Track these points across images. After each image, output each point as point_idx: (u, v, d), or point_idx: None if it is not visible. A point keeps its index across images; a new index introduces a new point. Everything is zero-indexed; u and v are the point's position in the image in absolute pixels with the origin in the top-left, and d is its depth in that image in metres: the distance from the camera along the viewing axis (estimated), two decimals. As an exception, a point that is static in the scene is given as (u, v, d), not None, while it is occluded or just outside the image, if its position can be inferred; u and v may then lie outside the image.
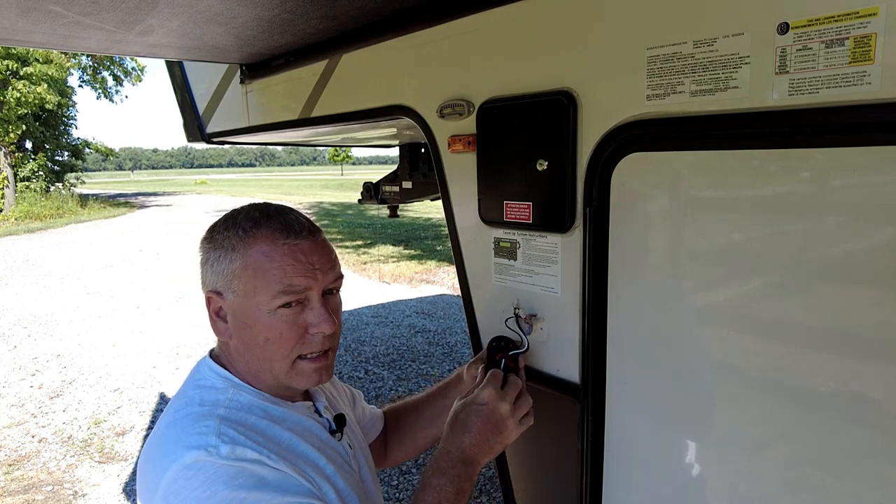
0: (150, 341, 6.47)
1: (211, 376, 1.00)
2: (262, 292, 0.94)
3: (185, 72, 2.66)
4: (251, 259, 0.94)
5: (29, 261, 11.65)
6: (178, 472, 0.83)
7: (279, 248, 0.95)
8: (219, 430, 0.88)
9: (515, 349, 1.21)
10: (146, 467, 0.91)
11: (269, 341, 0.95)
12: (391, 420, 1.43)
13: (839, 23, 0.73)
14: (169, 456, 0.85)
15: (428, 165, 2.68)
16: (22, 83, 19.35)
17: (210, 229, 1.03)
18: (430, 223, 16.54)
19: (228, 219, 1.01)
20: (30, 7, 1.28)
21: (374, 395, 4.91)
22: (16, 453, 4.13)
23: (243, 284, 0.95)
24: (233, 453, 0.85)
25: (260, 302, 0.94)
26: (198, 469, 0.83)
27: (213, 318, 1.00)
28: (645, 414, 1.08)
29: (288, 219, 0.99)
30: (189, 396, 0.97)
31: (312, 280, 0.96)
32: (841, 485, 0.85)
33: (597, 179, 1.05)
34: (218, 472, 0.83)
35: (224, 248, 0.97)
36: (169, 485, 0.83)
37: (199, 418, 0.90)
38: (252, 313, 0.95)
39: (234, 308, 0.97)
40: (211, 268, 0.98)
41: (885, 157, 0.74)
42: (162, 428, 0.92)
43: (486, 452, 1.04)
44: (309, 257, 0.97)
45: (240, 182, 61.40)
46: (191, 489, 0.81)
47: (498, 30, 1.18)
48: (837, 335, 0.82)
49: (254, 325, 0.95)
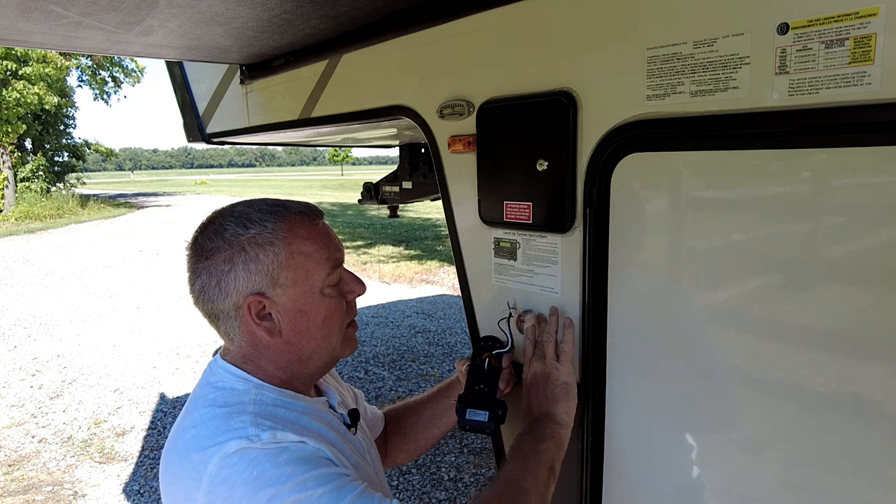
0: (151, 342, 6.47)
1: (229, 378, 0.97)
2: (315, 274, 0.98)
3: (185, 72, 2.66)
4: (296, 246, 0.97)
5: (29, 261, 11.65)
6: (222, 462, 0.82)
7: (315, 229, 1.00)
8: (255, 422, 0.88)
9: (501, 349, 1.22)
10: (175, 471, 0.89)
11: (327, 319, 1.00)
12: (392, 421, 1.43)
13: (839, 23, 0.73)
14: (208, 451, 0.84)
15: (428, 165, 2.69)
16: (21, 83, 19.35)
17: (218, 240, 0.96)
18: (430, 223, 16.54)
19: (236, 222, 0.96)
20: (30, 7, 1.28)
21: (374, 396, 4.91)
22: (16, 454, 4.13)
23: (293, 272, 0.96)
24: (274, 438, 0.85)
25: (314, 284, 0.98)
26: (241, 455, 0.83)
27: (254, 323, 0.96)
28: (645, 414, 1.08)
29: (296, 205, 1.03)
30: (211, 399, 0.94)
31: (342, 252, 1.05)
32: (841, 485, 0.85)
33: (597, 179, 1.05)
34: (261, 454, 0.83)
35: (258, 246, 0.94)
36: (214, 476, 0.82)
37: (230, 416, 0.89)
38: (307, 298, 0.98)
39: (284, 301, 0.96)
40: (244, 271, 0.94)
41: (885, 158, 0.74)
42: (190, 430, 0.90)
43: (551, 401, 1.08)
44: (331, 232, 1.05)
45: (240, 182, 61.39)
46: (237, 474, 0.81)
47: (498, 30, 1.18)
48: (837, 335, 0.82)
49: (310, 308, 0.98)
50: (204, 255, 0.96)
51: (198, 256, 0.97)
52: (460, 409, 1.15)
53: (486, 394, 1.15)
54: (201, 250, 0.96)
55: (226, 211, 1.00)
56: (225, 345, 1.03)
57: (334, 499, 0.80)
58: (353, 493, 0.82)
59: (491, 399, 1.14)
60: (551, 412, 1.06)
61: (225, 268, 0.94)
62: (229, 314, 0.96)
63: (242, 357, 1.00)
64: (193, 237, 0.99)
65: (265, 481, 0.80)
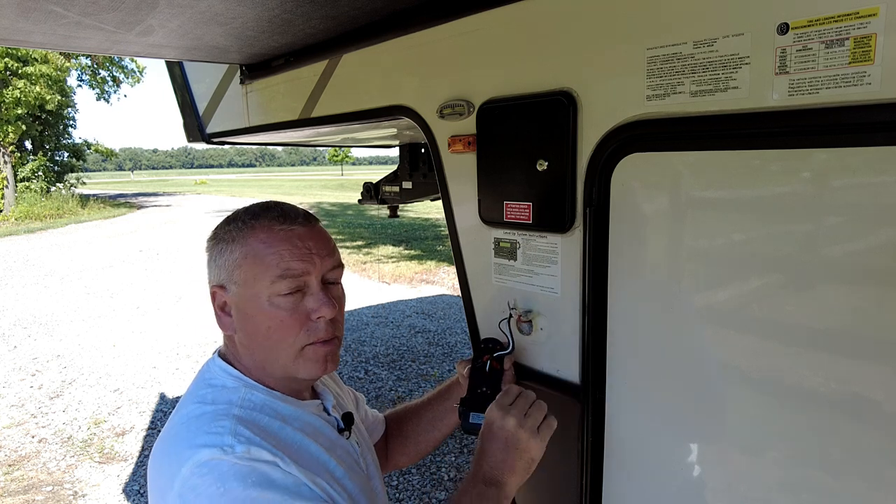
0: (151, 342, 6.47)
1: (222, 375, 0.99)
2: (262, 279, 0.95)
3: (185, 72, 2.66)
4: (250, 247, 0.96)
5: (29, 261, 11.65)
6: (193, 470, 0.83)
7: (276, 235, 0.97)
8: (235, 431, 0.88)
9: (502, 351, 1.22)
10: (159, 464, 0.90)
11: (270, 329, 0.96)
12: (393, 425, 1.42)
13: (839, 23, 0.73)
14: (184, 454, 0.85)
15: (428, 165, 2.68)
16: (22, 83, 19.35)
17: (214, 228, 1.05)
18: (430, 223, 16.54)
19: (231, 216, 1.04)
20: (30, 7, 1.28)
21: (374, 396, 4.91)
22: (16, 454, 4.13)
23: (244, 273, 0.96)
24: (248, 453, 0.85)
25: (260, 290, 0.95)
26: (212, 467, 0.83)
27: (218, 314, 1.01)
28: (645, 414, 1.08)
29: (284, 208, 1.02)
30: (201, 395, 0.96)
31: (310, 265, 0.97)
32: (841, 485, 0.85)
33: (597, 179, 1.05)
34: (231, 469, 0.83)
35: (225, 241, 0.99)
36: (184, 482, 0.83)
37: (214, 418, 0.90)
38: (253, 303, 0.96)
39: (236, 299, 0.98)
40: (214, 262, 1.00)
41: (885, 158, 0.74)
42: (176, 426, 0.92)
43: (509, 470, 1.00)
44: (305, 242, 0.98)
45: (240, 182, 61.41)
46: (205, 486, 0.82)
47: (498, 30, 1.18)
48: (837, 335, 0.82)
49: (255, 314, 0.96)
50: (208, 240, 1.04)
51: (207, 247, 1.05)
52: (463, 413, 1.15)
53: (489, 397, 1.15)
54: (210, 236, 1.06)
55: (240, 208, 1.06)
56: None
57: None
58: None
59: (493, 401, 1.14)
60: (503, 483, 0.99)
61: (209, 256, 1.03)
62: (211, 299, 1.02)
63: (225, 350, 1.05)
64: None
65: (229, 500, 0.81)
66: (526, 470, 1.02)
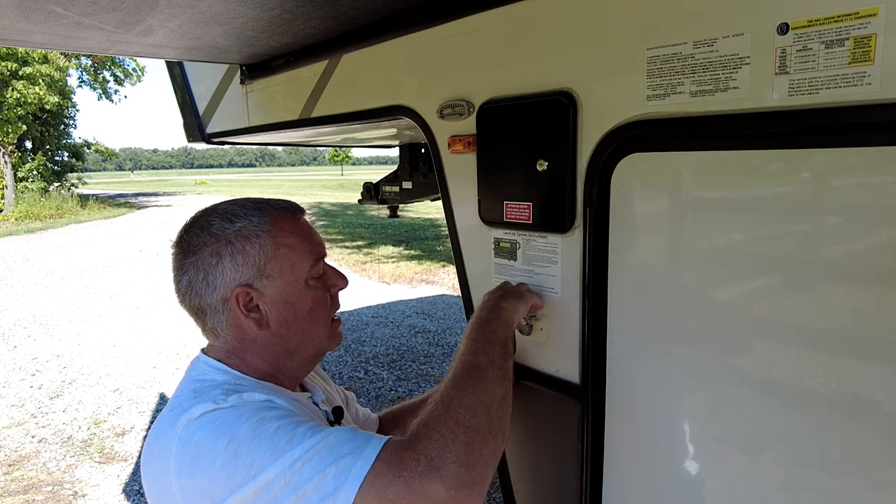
0: (150, 342, 6.47)
1: (210, 371, 0.99)
2: (300, 264, 1.00)
3: (185, 72, 2.66)
4: (280, 238, 0.99)
5: (29, 261, 11.65)
6: (187, 426, 0.84)
7: (297, 223, 1.04)
8: (224, 390, 0.90)
9: None
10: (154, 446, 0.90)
11: (313, 310, 1.02)
12: (388, 425, 1.42)
13: (839, 23, 0.73)
14: (178, 421, 0.86)
15: (428, 166, 2.68)
16: (22, 83, 19.35)
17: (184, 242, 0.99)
18: (430, 223, 16.54)
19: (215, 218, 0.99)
20: (30, 7, 1.28)
21: (374, 396, 4.91)
22: (16, 453, 4.13)
23: (279, 264, 0.98)
24: (240, 399, 0.88)
25: (299, 274, 1.00)
26: (206, 416, 0.85)
27: (242, 315, 0.97)
28: (645, 414, 1.08)
29: (278, 201, 1.07)
30: (191, 389, 0.95)
31: (324, 247, 1.08)
32: (841, 485, 0.85)
33: (597, 180, 1.05)
34: (228, 413, 0.85)
35: (243, 239, 0.97)
36: (181, 438, 0.84)
37: (202, 391, 0.91)
38: (293, 289, 1.00)
39: (271, 291, 0.98)
40: (231, 264, 0.96)
41: (885, 158, 0.74)
42: (166, 412, 0.92)
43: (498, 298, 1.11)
44: (313, 229, 1.08)
45: (240, 182, 61.40)
46: (201, 428, 0.83)
47: (498, 30, 1.18)
48: (837, 335, 0.82)
49: (297, 299, 1.00)
50: (190, 250, 0.98)
51: (184, 253, 0.98)
52: None
53: None
54: (188, 247, 0.98)
55: (210, 209, 1.03)
56: (209, 342, 1.05)
57: (290, 427, 0.82)
58: (309, 424, 0.84)
59: None
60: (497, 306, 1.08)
61: (212, 261, 0.96)
62: (217, 308, 0.98)
63: (227, 352, 1.01)
64: (179, 236, 1.01)
65: (225, 426, 0.82)
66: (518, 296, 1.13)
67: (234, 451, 0.79)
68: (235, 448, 0.79)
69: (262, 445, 0.79)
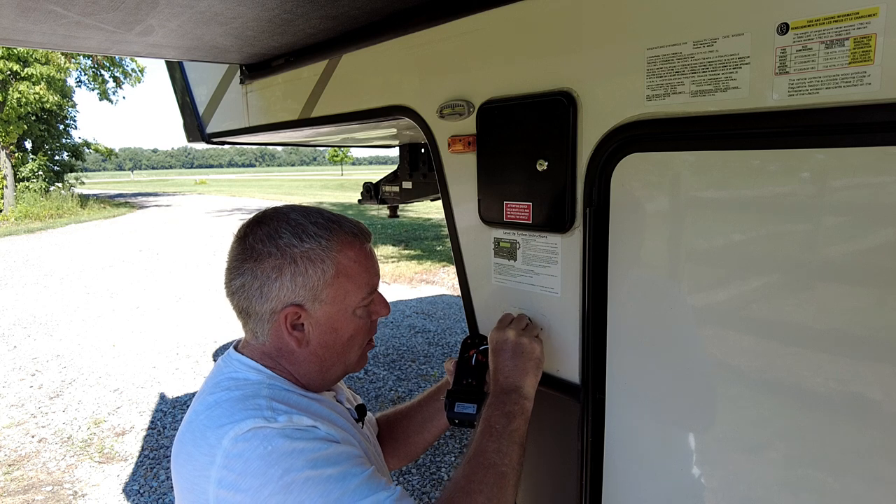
0: (150, 341, 6.47)
1: (243, 369, 1.00)
2: (354, 294, 1.02)
3: (185, 72, 2.66)
4: (342, 267, 1.00)
5: (29, 261, 11.65)
6: (237, 440, 0.85)
7: (361, 251, 1.03)
8: (271, 406, 0.91)
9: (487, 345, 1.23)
10: (189, 451, 0.90)
11: (352, 338, 1.04)
12: (384, 427, 1.43)
13: (839, 23, 0.73)
14: (222, 429, 0.87)
15: (428, 166, 2.69)
16: (24, 84, 19.34)
17: (249, 244, 0.99)
18: (430, 223, 16.54)
19: (285, 230, 0.98)
20: (30, 7, 1.28)
21: (374, 396, 4.91)
22: (16, 453, 4.13)
23: (334, 291, 0.99)
24: (290, 421, 0.89)
25: (350, 304, 1.01)
26: (255, 433, 0.86)
27: (286, 331, 0.99)
28: (645, 414, 1.08)
29: (350, 224, 1.05)
30: (225, 385, 0.97)
31: (379, 277, 1.09)
32: (841, 484, 0.85)
33: (597, 180, 1.05)
34: (275, 432, 0.86)
35: (307, 261, 0.97)
36: (228, 451, 0.85)
37: (244, 399, 0.92)
38: (341, 316, 1.01)
39: (319, 316, 0.99)
40: (290, 282, 0.96)
41: (885, 158, 0.74)
42: (201, 413, 0.92)
43: (521, 373, 1.10)
44: (375, 257, 1.09)
45: (240, 182, 61.38)
46: (252, 449, 0.84)
47: (498, 30, 1.18)
48: (837, 335, 0.82)
49: (341, 327, 1.02)
50: (253, 256, 0.98)
51: (246, 255, 0.98)
52: (448, 403, 1.17)
53: (474, 387, 1.18)
54: (251, 251, 0.98)
55: (281, 215, 1.02)
56: (245, 338, 1.06)
57: (341, 479, 0.84)
58: (360, 476, 0.86)
59: (479, 392, 1.17)
60: (520, 386, 1.08)
61: (272, 275, 0.96)
62: (263, 317, 0.99)
63: (262, 353, 1.02)
64: (244, 232, 1.01)
65: (279, 455, 0.84)
66: (536, 369, 1.12)
67: (285, 485, 0.82)
68: (288, 483, 0.82)
69: (314, 491, 0.82)
